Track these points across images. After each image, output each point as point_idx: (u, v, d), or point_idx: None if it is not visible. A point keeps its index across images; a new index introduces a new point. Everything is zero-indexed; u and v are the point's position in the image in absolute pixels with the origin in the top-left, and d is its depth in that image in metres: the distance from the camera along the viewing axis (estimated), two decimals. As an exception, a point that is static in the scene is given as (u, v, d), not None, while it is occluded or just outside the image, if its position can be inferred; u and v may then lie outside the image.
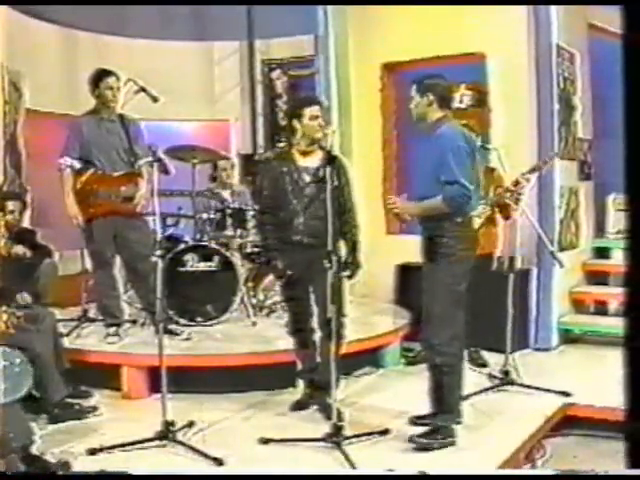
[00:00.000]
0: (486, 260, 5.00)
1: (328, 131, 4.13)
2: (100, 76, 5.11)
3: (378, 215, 5.78)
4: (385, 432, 4.00)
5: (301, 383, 4.62)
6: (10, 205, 5.16)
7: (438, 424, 3.88)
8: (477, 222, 4.21)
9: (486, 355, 5.31)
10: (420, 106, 3.96)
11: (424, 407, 3.98)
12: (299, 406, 4.43)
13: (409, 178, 4.19)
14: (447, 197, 3.76)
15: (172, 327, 5.14)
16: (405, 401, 4.41)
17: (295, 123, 4.28)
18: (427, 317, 3.94)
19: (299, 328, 4.41)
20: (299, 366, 4.55)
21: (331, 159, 4.07)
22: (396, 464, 3.62)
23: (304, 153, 4.29)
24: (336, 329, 4.05)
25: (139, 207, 5.12)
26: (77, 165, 5.09)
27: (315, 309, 4.30)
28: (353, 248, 4.26)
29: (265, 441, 3.90)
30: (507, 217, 4.92)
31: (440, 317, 3.85)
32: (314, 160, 4.26)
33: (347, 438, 3.83)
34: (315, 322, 4.33)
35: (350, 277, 4.27)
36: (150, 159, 4.63)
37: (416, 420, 4.04)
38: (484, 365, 5.15)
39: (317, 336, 4.32)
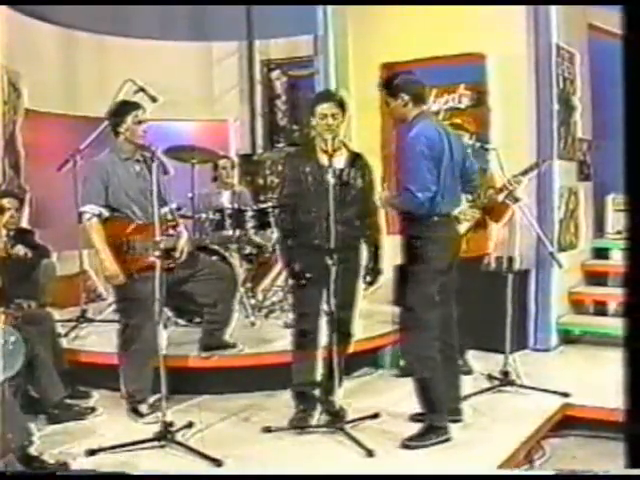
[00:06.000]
0: (476, 262, 4.98)
1: (336, 138, 3.96)
2: (127, 108, 4.33)
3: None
4: (376, 416, 4.14)
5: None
6: (7, 203, 5.13)
7: (431, 423, 3.89)
8: (464, 225, 4.21)
9: (484, 356, 5.29)
10: (396, 109, 3.92)
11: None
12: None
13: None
14: (400, 200, 3.87)
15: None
16: (404, 402, 4.40)
17: (311, 120, 4.11)
18: (402, 320, 3.96)
19: (305, 331, 4.17)
20: (294, 374, 4.23)
21: (355, 159, 4.03)
22: (396, 462, 3.64)
23: (327, 152, 3.94)
24: (345, 328, 4.09)
25: (181, 260, 4.42)
26: (105, 213, 4.25)
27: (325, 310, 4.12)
28: (375, 253, 4.14)
29: (267, 430, 4.01)
30: (497, 220, 4.83)
31: (413, 320, 3.86)
32: (339, 160, 4.02)
33: (348, 422, 3.97)
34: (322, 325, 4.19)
35: (371, 284, 4.16)
36: (174, 206, 4.50)
37: (416, 417, 4.06)
38: (469, 372, 4.95)
39: (322, 340, 4.17)
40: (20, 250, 5.02)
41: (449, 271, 3.92)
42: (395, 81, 3.93)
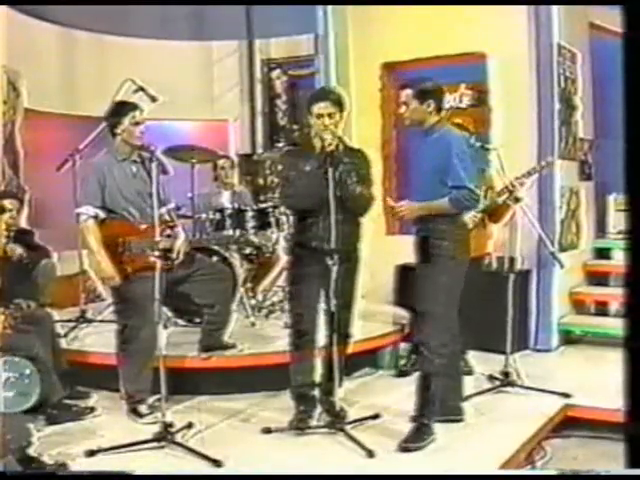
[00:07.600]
0: (477, 262, 4.96)
1: (330, 137, 3.88)
2: (124, 109, 4.30)
3: (378, 215, 5.75)
4: (376, 416, 4.17)
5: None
6: (8, 204, 5.12)
7: (422, 421, 3.88)
8: (469, 225, 4.21)
9: (484, 357, 5.27)
10: (418, 112, 3.89)
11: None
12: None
13: (408, 178, 4.16)
14: (454, 200, 3.77)
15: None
16: (405, 402, 4.39)
17: (309, 119, 4.07)
18: (423, 318, 3.94)
19: (303, 332, 4.15)
20: (292, 375, 4.22)
21: (354, 155, 4.00)
22: (397, 463, 3.63)
23: (324, 150, 3.89)
24: (344, 328, 4.07)
25: (178, 261, 4.37)
26: (102, 215, 4.24)
27: (323, 309, 4.11)
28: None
29: (267, 430, 4.01)
30: (496, 221, 4.85)
31: (437, 319, 3.84)
32: (338, 158, 3.92)
33: (349, 423, 3.96)
34: (320, 325, 4.17)
35: None
36: (172, 206, 4.49)
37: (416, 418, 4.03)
38: (469, 372, 4.91)
39: (321, 341, 4.16)
40: (17, 250, 5.00)
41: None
42: (425, 85, 3.91)
